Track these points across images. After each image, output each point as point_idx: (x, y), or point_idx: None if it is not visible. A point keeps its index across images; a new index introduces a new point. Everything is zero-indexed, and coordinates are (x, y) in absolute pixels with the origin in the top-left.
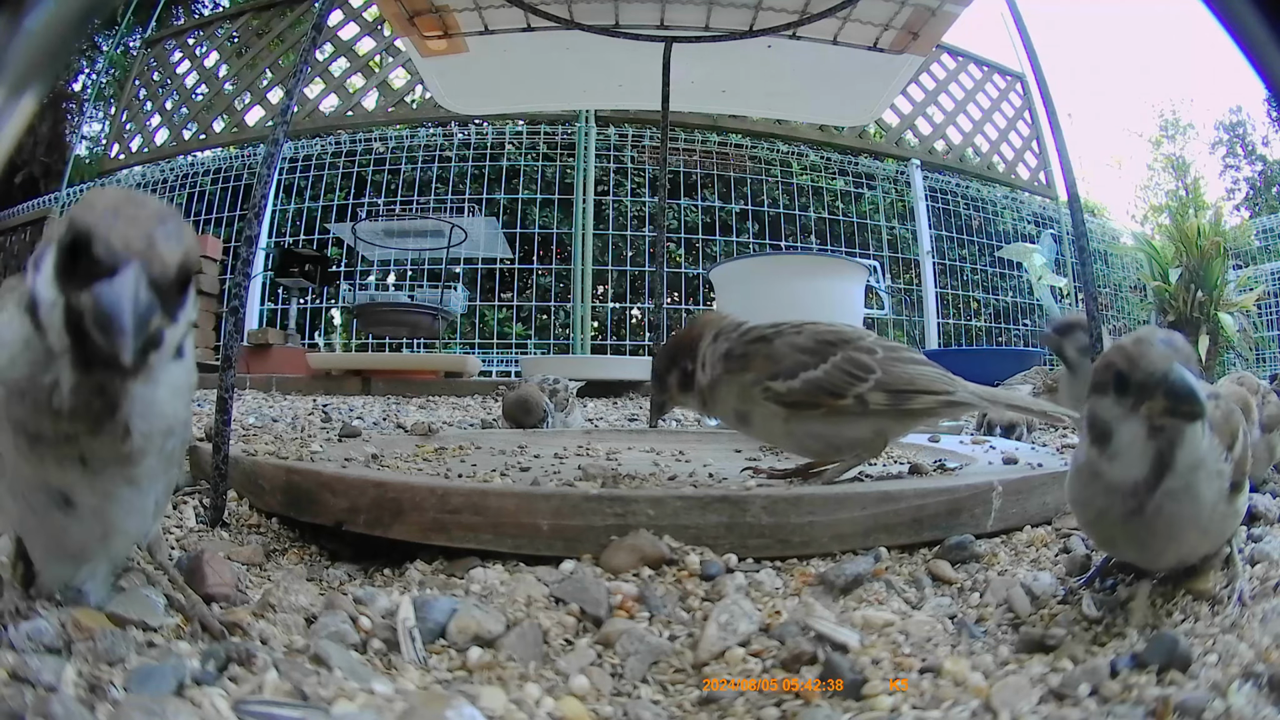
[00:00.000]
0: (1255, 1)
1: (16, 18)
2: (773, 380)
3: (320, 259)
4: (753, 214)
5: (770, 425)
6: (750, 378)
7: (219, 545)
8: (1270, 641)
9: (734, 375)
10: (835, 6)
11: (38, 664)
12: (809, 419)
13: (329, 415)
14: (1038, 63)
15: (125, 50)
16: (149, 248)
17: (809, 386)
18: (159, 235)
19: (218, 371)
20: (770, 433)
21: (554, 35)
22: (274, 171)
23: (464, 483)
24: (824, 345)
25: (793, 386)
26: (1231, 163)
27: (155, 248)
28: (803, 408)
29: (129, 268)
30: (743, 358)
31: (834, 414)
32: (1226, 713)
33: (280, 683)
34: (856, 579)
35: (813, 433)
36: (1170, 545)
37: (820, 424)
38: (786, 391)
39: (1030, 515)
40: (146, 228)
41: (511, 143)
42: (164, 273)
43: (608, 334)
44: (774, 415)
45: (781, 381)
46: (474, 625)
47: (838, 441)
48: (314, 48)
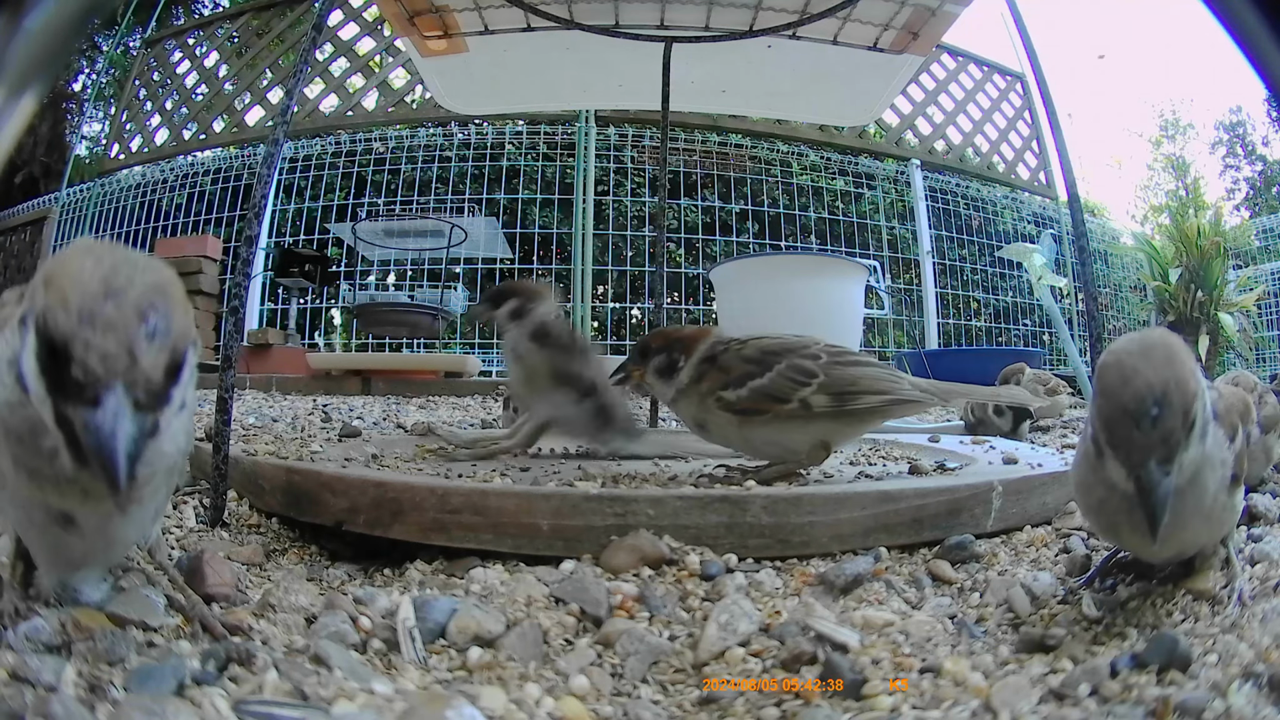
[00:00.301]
0: (1255, 1)
1: (16, 18)
2: (724, 390)
3: (320, 259)
4: (753, 214)
5: (726, 432)
6: (705, 387)
7: (219, 545)
8: (1270, 641)
9: (694, 386)
10: (835, 6)
11: (38, 664)
12: (757, 424)
13: (329, 415)
14: (1038, 63)
15: (125, 50)
16: (131, 366)
17: (754, 394)
18: (141, 346)
19: (218, 371)
20: (727, 438)
21: (554, 35)
22: (274, 171)
23: (464, 483)
24: (769, 355)
25: (740, 395)
26: (1231, 163)
27: (138, 364)
28: (751, 414)
29: (112, 394)
30: (699, 373)
31: (780, 419)
32: (1226, 713)
33: (280, 683)
34: (856, 579)
35: (764, 437)
36: (1173, 534)
37: (768, 429)
38: (735, 400)
39: (1030, 515)
40: (127, 336)
41: (511, 143)
42: (151, 385)
43: (608, 334)
44: (728, 423)
45: (731, 391)
46: (474, 625)
47: (789, 444)
48: (314, 48)
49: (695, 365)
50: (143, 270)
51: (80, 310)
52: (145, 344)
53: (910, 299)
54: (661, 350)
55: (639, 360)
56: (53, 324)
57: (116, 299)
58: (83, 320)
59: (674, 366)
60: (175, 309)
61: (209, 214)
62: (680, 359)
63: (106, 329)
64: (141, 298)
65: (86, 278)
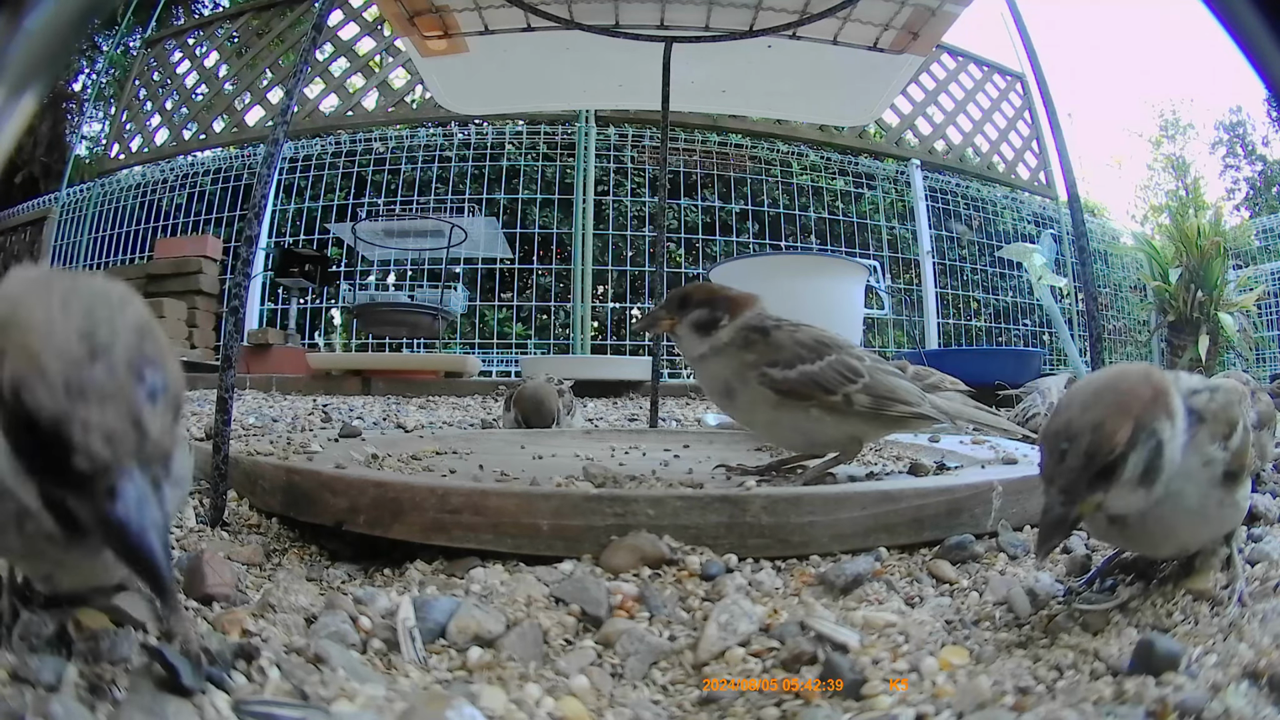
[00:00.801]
0: (1255, 1)
1: (16, 18)
2: (771, 366)
3: (320, 259)
4: (753, 214)
5: (755, 409)
6: (750, 358)
7: (219, 545)
8: (1270, 641)
9: (738, 352)
10: (835, 6)
11: (38, 664)
12: (796, 410)
13: (329, 415)
14: (1038, 63)
15: (125, 50)
16: (143, 441)
17: (804, 378)
18: (147, 414)
19: (218, 371)
20: (753, 416)
21: (554, 35)
22: (274, 171)
23: (464, 483)
24: (821, 345)
25: (788, 375)
26: (1231, 163)
27: (149, 437)
28: (794, 398)
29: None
30: (746, 339)
31: (821, 409)
32: (1226, 713)
33: (281, 683)
34: (856, 579)
35: (796, 424)
36: (1163, 538)
37: (805, 417)
38: (781, 379)
39: (1030, 515)
40: (130, 406)
41: (511, 143)
42: (166, 456)
43: (608, 334)
44: (763, 399)
45: (779, 370)
46: (474, 625)
47: (817, 437)
48: (314, 48)
49: (739, 330)
50: (118, 308)
51: (66, 381)
52: (150, 410)
53: (910, 299)
54: (704, 305)
55: (675, 309)
56: (30, 400)
57: (105, 359)
58: (71, 394)
59: (714, 323)
60: (164, 350)
61: (209, 214)
62: (724, 317)
63: (104, 401)
64: (131, 350)
65: (59, 333)
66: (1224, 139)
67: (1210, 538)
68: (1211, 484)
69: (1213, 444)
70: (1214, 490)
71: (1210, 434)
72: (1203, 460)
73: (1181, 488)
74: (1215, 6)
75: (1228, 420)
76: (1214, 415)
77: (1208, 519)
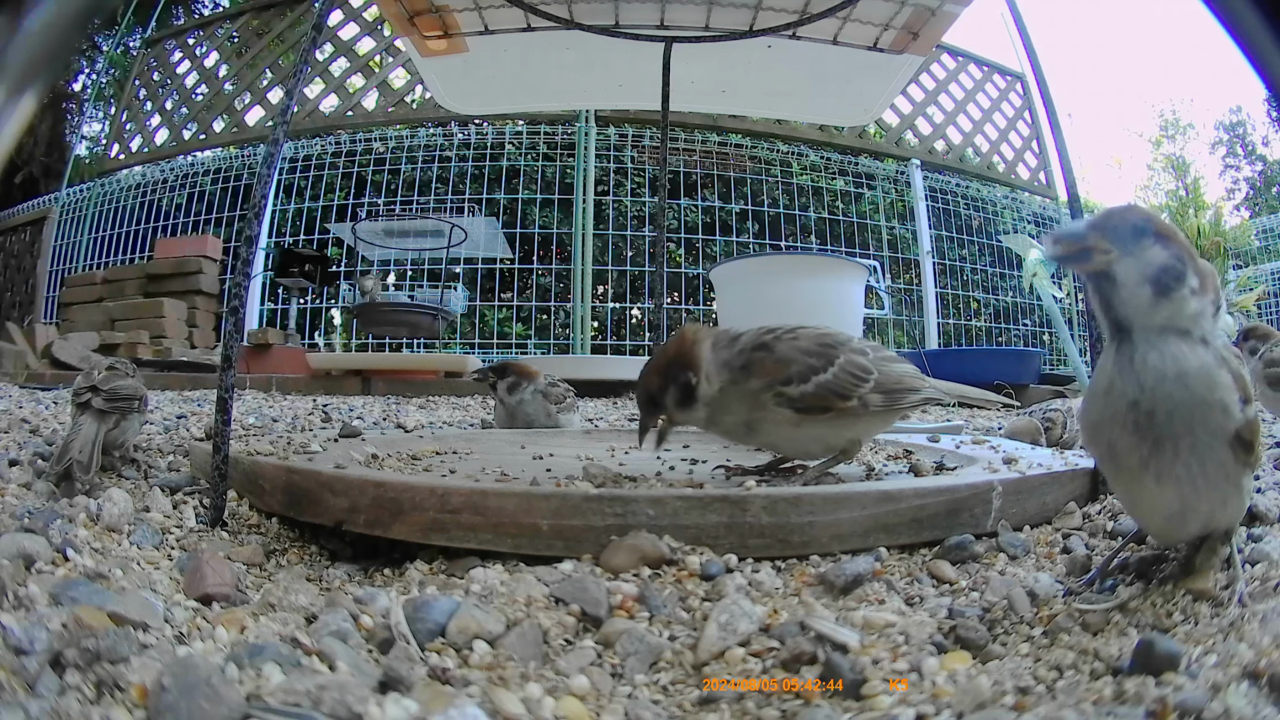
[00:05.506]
0: (1255, 1)
1: (16, 18)
2: (785, 385)
3: (320, 259)
4: (753, 214)
5: (779, 430)
6: (758, 384)
7: (219, 545)
8: (1270, 641)
9: (740, 384)
10: (835, 6)
11: (38, 664)
12: (817, 422)
13: (329, 415)
14: (1038, 63)
15: (125, 50)
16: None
17: (821, 389)
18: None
19: (218, 371)
20: (778, 438)
21: (554, 35)
22: (274, 171)
23: (464, 483)
24: (826, 348)
25: (805, 390)
26: (1231, 163)
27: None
28: (813, 411)
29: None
30: (745, 366)
31: (839, 415)
32: (1226, 713)
33: None
34: (856, 579)
35: (816, 435)
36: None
37: (824, 426)
38: (799, 396)
39: (1030, 515)
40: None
41: (511, 143)
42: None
43: (608, 334)
44: (784, 420)
45: (795, 386)
46: (474, 625)
47: (834, 441)
48: (314, 48)
49: (718, 367)
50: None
51: None
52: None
53: (910, 299)
54: (666, 383)
55: (653, 409)
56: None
57: None
58: None
59: (689, 388)
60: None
61: (209, 214)
62: (690, 376)
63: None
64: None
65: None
66: (1224, 139)
67: (1216, 514)
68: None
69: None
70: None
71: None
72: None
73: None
74: (1215, 6)
75: (1244, 386)
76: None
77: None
